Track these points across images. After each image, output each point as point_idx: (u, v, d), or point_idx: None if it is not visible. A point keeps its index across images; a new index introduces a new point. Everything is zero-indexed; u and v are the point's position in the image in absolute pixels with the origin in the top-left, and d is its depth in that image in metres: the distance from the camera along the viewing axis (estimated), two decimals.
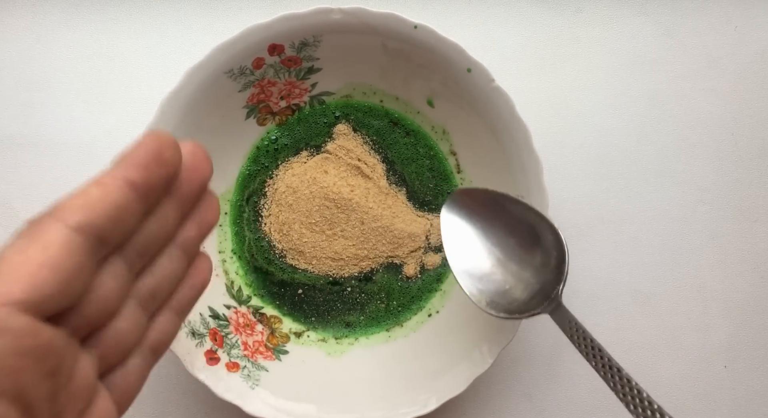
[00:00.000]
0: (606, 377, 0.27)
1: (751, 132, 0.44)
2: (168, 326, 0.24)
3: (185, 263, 0.24)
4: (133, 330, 0.22)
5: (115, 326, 0.21)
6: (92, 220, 0.18)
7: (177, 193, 0.22)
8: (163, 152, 0.20)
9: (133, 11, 0.43)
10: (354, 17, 0.35)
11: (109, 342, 0.21)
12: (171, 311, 0.24)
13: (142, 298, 0.22)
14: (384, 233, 0.40)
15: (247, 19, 0.42)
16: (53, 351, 0.18)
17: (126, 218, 0.20)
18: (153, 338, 0.23)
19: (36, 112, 0.42)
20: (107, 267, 0.20)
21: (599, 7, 0.44)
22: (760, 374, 0.43)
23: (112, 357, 0.21)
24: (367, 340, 0.41)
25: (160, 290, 0.23)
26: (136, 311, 0.22)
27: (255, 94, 0.39)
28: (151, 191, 0.20)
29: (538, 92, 0.43)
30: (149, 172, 0.20)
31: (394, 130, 0.41)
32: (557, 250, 0.31)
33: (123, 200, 0.19)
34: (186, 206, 0.23)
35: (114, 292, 0.20)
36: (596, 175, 0.43)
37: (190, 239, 0.23)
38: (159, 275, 0.22)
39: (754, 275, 0.43)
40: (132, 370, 0.22)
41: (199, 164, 0.22)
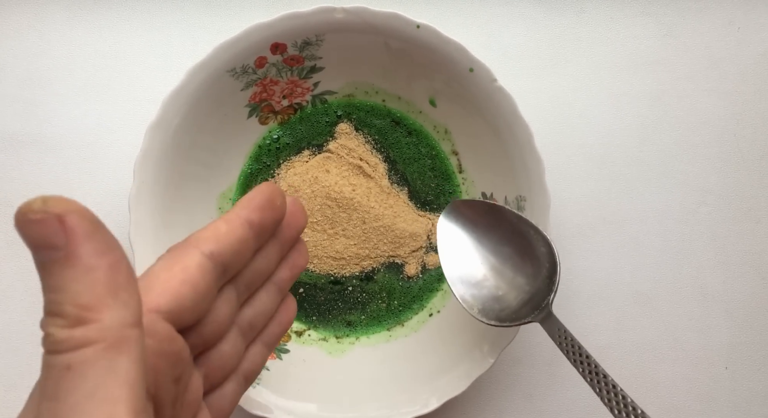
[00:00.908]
0: (592, 383, 0.29)
1: (754, 133, 0.44)
2: (258, 357, 0.26)
3: (278, 300, 0.27)
4: (233, 355, 0.24)
5: (221, 349, 0.24)
6: (220, 250, 0.22)
7: (279, 236, 0.26)
8: (275, 199, 0.24)
9: (136, 10, 0.43)
10: (356, 16, 0.35)
11: (214, 364, 0.23)
12: (262, 344, 0.27)
13: (242, 327, 0.25)
14: (385, 233, 0.40)
15: (250, 18, 0.42)
16: (182, 360, 0.21)
17: (244, 252, 0.23)
18: (247, 367, 0.26)
19: (38, 110, 0.42)
20: (223, 294, 0.23)
21: (601, 7, 0.44)
22: (760, 376, 0.43)
23: (214, 378, 0.24)
24: (368, 339, 0.41)
25: (256, 322, 0.26)
26: (237, 338, 0.24)
27: (257, 93, 0.39)
28: (264, 231, 0.24)
29: (540, 92, 0.43)
30: (264, 215, 0.24)
31: (396, 129, 0.41)
32: (550, 261, 0.32)
33: (244, 236, 0.23)
34: (285, 249, 0.26)
35: (226, 317, 0.23)
36: (598, 176, 0.43)
37: (284, 279, 0.27)
38: (258, 308, 0.26)
39: (755, 276, 0.43)
40: (227, 393, 0.25)
41: (298, 214, 0.27)
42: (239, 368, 0.25)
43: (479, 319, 0.33)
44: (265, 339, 0.27)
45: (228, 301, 0.23)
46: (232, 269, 0.23)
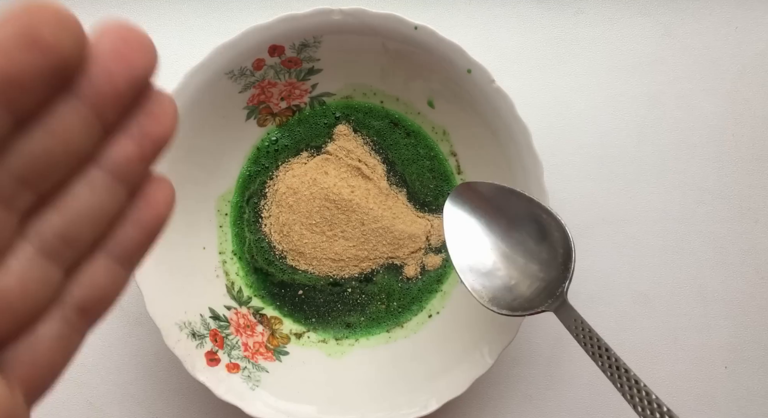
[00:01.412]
0: (613, 378, 0.26)
1: (752, 133, 0.44)
2: (103, 278, 0.18)
3: (121, 193, 0.17)
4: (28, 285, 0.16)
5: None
6: None
7: (85, 93, 0.15)
8: (38, 31, 0.14)
9: (133, 12, 0.43)
10: (354, 18, 0.35)
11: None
12: (107, 257, 0.18)
13: (44, 243, 0.16)
14: (384, 234, 0.40)
15: (248, 20, 0.42)
16: None
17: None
18: (79, 294, 0.17)
19: None
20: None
21: (599, 7, 0.44)
22: (760, 375, 0.43)
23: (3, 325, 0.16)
24: (368, 341, 0.41)
25: (76, 230, 0.17)
26: (34, 261, 0.16)
27: (255, 95, 0.39)
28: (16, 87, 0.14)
29: (538, 93, 0.43)
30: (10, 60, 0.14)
31: (395, 131, 0.41)
32: (564, 247, 0.31)
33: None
34: (107, 113, 0.16)
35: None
36: (597, 176, 0.43)
37: (125, 158, 0.17)
38: (71, 209, 0.16)
39: (754, 276, 0.43)
40: (45, 338, 0.17)
41: (128, 48, 0.16)
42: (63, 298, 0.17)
43: (490, 308, 0.32)
44: (114, 250, 0.18)
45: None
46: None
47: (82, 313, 0.18)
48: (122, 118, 0.17)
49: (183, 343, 0.36)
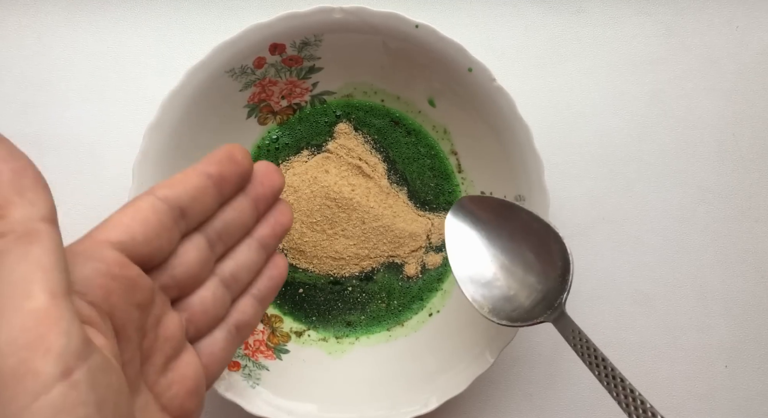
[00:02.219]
0: (609, 388, 0.27)
1: (753, 132, 0.44)
2: (250, 309, 0.28)
3: (263, 257, 0.29)
4: (217, 302, 0.26)
5: (201, 295, 0.26)
6: (175, 194, 0.24)
7: (251, 193, 0.28)
8: (234, 154, 0.26)
9: (135, 10, 0.43)
10: (355, 16, 0.35)
11: (196, 308, 0.25)
12: (252, 297, 0.28)
13: (224, 278, 0.27)
14: (385, 233, 0.40)
15: (248, 18, 0.42)
16: (141, 287, 0.22)
17: (202, 199, 0.25)
18: (236, 317, 0.27)
19: (37, 111, 0.42)
20: (190, 240, 0.25)
21: (600, 6, 0.44)
22: (760, 375, 0.43)
23: (200, 323, 0.25)
24: (368, 339, 0.41)
25: (239, 274, 0.27)
26: (219, 288, 0.26)
27: (256, 93, 0.39)
28: (224, 182, 0.26)
29: (539, 92, 0.43)
30: (222, 167, 0.26)
31: (395, 129, 0.41)
32: (562, 259, 0.32)
33: (200, 184, 0.25)
34: (260, 206, 0.28)
35: (197, 261, 0.25)
36: (597, 175, 0.43)
37: (266, 236, 0.29)
38: (239, 260, 0.27)
39: (755, 275, 0.43)
40: (218, 340, 0.26)
41: (271, 174, 0.29)
42: (228, 318, 0.27)
43: (490, 319, 0.33)
44: (255, 293, 0.28)
45: (197, 246, 0.25)
46: (193, 214, 0.24)
47: (237, 331, 0.27)
48: (266, 211, 0.29)
49: None
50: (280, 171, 0.29)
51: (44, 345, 0.17)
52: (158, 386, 0.23)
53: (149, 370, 0.23)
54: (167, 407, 0.23)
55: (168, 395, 0.23)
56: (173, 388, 0.24)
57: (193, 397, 0.24)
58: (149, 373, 0.23)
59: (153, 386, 0.23)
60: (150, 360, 0.23)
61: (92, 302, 0.20)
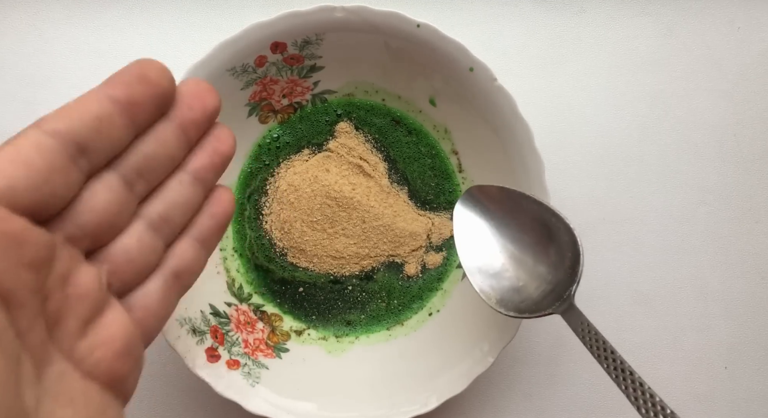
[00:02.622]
0: (618, 381, 0.27)
1: (753, 133, 0.44)
2: (189, 253, 0.25)
3: (200, 192, 0.25)
4: (144, 249, 0.23)
5: (124, 242, 0.22)
6: (68, 127, 0.20)
7: (175, 118, 0.23)
8: (147, 72, 0.22)
9: (136, 8, 0.43)
10: (356, 15, 0.35)
11: (119, 258, 0.22)
12: (192, 239, 0.25)
13: (151, 220, 0.23)
14: (385, 232, 0.40)
15: (250, 17, 0.42)
16: (30, 242, 0.18)
17: (108, 131, 0.21)
18: (174, 263, 0.24)
19: (38, 109, 0.42)
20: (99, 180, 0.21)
21: (601, 7, 0.44)
22: (760, 375, 0.43)
23: (126, 275, 0.22)
24: (368, 338, 0.41)
25: (172, 214, 0.24)
26: (146, 232, 0.23)
27: (257, 92, 0.39)
28: (135, 107, 0.21)
29: (540, 92, 0.43)
30: (131, 89, 0.21)
31: (396, 128, 0.41)
32: (572, 250, 0.31)
33: (103, 112, 0.21)
34: (190, 133, 0.24)
35: (110, 204, 0.21)
36: (598, 176, 0.43)
37: (202, 167, 0.24)
38: (169, 199, 0.24)
39: (755, 276, 0.43)
40: (152, 291, 0.23)
41: (200, 93, 0.23)
42: (164, 265, 0.24)
43: (498, 310, 0.32)
44: (196, 234, 0.25)
45: (108, 187, 0.21)
46: (97, 149, 0.20)
47: (176, 278, 0.24)
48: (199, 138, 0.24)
49: (183, 339, 0.36)
50: (213, 90, 0.24)
51: None
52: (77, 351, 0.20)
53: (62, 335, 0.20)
54: (92, 373, 0.21)
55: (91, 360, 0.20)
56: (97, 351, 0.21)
57: (123, 358, 0.21)
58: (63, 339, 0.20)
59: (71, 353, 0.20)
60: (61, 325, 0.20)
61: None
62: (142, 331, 0.23)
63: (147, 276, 0.23)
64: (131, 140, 0.22)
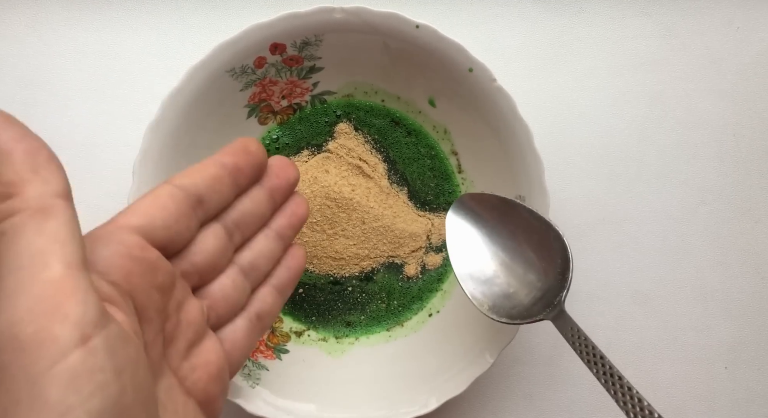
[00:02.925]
0: (607, 385, 0.28)
1: (753, 133, 0.44)
2: (270, 298, 0.29)
3: (280, 247, 0.30)
4: (237, 290, 0.27)
5: (221, 283, 0.26)
6: (191, 182, 0.25)
7: (266, 184, 0.28)
8: (248, 145, 0.28)
9: (135, 10, 0.43)
10: (356, 16, 0.35)
11: (217, 296, 0.26)
12: (271, 287, 0.29)
13: (243, 267, 0.27)
14: (385, 233, 0.40)
15: (249, 18, 0.42)
16: (162, 269, 0.22)
17: (219, 188, 0.26)
18: (257, 306, 0.28)
19: (37, 111, 0.42)
20: (208, 228, 0.26)
21: (601, 7, 0.44)
22: (760, 376, 0.43)
23: (221, 311, 0.26)
24: (368, 339, 0.41)
25: (258, 264, 0.28)
26: (238, 276, 0.27)
27: (256, 93, 0.39)
28: (239, 172, 0.27)
29: (539, 92, 0.43)
30: (237, 158, 0.27)
31: (396, 129, 0.41)
32: (562, 257, 0.32)
33: (216, 173, 0.26)
34: (276, 197, 0.29)
35: (215, 249, 0.26)
36: (597, 176, 0.43)
37: (283, 227, 0.30)
38: (257, 250, 0.28)
39: (755, 276, 0.43)
40: (240, 328, 0.27)
41: (285, 166, 0.30)
42: (249, 306, 0.28)
43: (490, 316, 0.33)
44: (274, 282, 0.29)
45: (215, 234, 0.26)
46: (210, 203, 0.25)
47: (258, 319, 0.28)
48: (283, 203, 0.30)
49: None
50: (294, 164, 0.30)
51: (61, 313, 0.17)
52: (182, 370, 0.24)
53: (172, 353, 0.23)
54: (191, 391, 0.24)
55: (192, 379, 0.24)
56: (196, 372, 0.24)
57: (216, 382, 0.25)
58: (173, 356, 0.23)
59: (177, 370, 0.23)
60: (173, 344, 0.23)
61: (113, 282, 0.21)
62: (230, 361, 0.26)
63: (236, 314, 0.27)
64: (234, 199, 0.27)
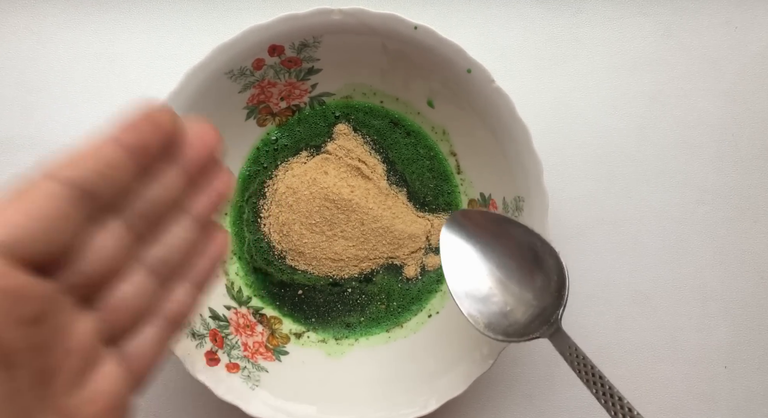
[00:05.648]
0: (607, 406, 0.27)
1: (751, 132, 0.44)
2: (186, 298, 0.24)
3: (199, 234, 0.24)
4: (141, 296, 0.22)
5: (121, 289, 0.21)
6: (79, 174, 0.19)
7: (180, 161, 0.22)
8: (156, 117, 0.21)
9: (134, 12, 0.43)
10: (354, 18, 0.35)
11: (115, 305, 0.21)
12: (189, 282, 0.24)
13: (152, 265, 0.22)
14: (384, 234, 0.40)
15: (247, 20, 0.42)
16: (33, 298, 0.18)
17: (117, 176, 0.20)
18: (170, 308, 0.23)
19: (36, 113, 0.42)
20: (104, 226, 0.20)
21: (599, 7, 0.44)
22: (760, 375, 0.43)
23: (121, 322, 0.21)
24: (367, 341, 0.41)
25: (172, 258, 0.23)
26: (145, 278, 0.22)
27: (255, 95, 0.39)
28: (144, 151, 0.21)
29: (538, 93, 0.43)
30: (140, 133, 0.20)
31: (395, 130, 0.41)
32: (557, 274, 0.32)
33: (112, 158, 0.20)
34: (193, 175, 0.23)
35: (113, 251, 0.20)
36: (596, 176, 0.43)
37: (202, 209, 0.24)
38: (170, 243, 0.23)
39: (754, 276, 0.43)
40: (147, 338, 0.22)
41: (204, 135, 0.23)
42: (159, 310, 0.23)
43: (486, 334, 0.33)
44: (193, 277, 0.24)
45: (112, 233, 0.21)
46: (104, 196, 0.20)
47: (170, 323, 0.23)
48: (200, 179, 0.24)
49: (183, 343, 0.36)
50: (214, 128, 0.24)
51: None
52: (68, 407, 0.19)
53: (54, 391, 0.19)
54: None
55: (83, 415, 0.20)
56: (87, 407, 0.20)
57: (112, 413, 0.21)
58: (56, 394, 0.19)
59: (63, 409, 0.19)
60: (53, 380, 0.19)
61: None
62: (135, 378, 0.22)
63: (143, 322, 0.22)
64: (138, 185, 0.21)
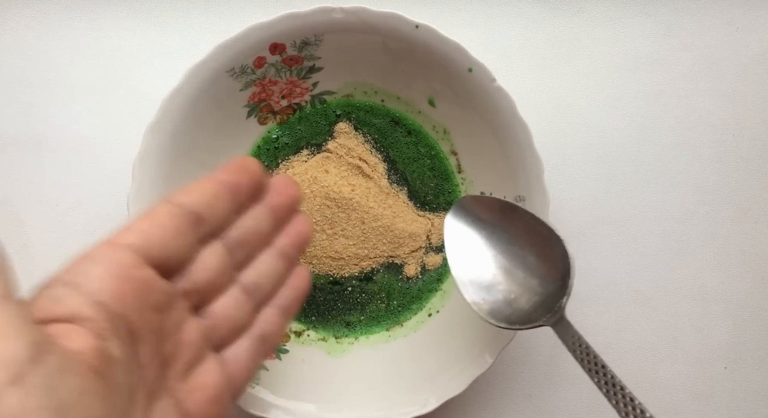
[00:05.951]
0: (609, 395, 0.27)
1: (753, 133, 0.44)
2: (274, 319, 0.28)
3: (284, 266, 0.29)
4: (239, 311, 0.26)
5: (222, 302, 0.26)
6: (190, 200, 0.24)
7: (268, 202, 0.28)
8: (247, 164, 0.27)
9: (135, 10, 0.43)
10: (355, 16, 0.35)
11: (218, 316, 0.25)
12: (276, 307, 0.28)
13: (246, 286, 0.27)
14: (384, 233, 0.40)
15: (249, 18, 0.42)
16: (157, 288, 0.22)
17: (218, 205, 0.25)
18: (261, 327, 0.27)
19: (37, 111, 0.42)
20: (209, 247, 0.25)
21: (600, 7, 0.44)
22: (760, 375, 0.43)
23: (222, 331, 0.26)
24: (367, 339, 0.41)
25: (262, 283, 0.27)
26: (240, 296, 0.26)
27: (256, 93, 0.39)
28: (239, 190, 0.26)
29: (539, 92, 0.43)
30: (235, 175, 0.26)
31: (396, 129, 0.41)
32: (563, 263, 0.31)
33: (214, 191, 0.25)
34: (278, 216, 0.28)
35: (216, 268, 0.25)
36: (597, 176, 0.43)
37: (286, 246, 0.29)
38: (261, 270, 0.27)
39: (754, 276, 0.43)
40: (243, 350, 0.26)
41: (287, 185, 0.29)
42: (252, 327, 0.27)
43: (489, 321, 0.32)
44: (279, 302, 0.28)
45: (215, 253, 0.25)
46: (209, 221, 0.25)
47: (262, 341, 0.27)
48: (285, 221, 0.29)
49: None
50: (296, 183, 0.30)
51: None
52: (179, 391, 0.23)
53: (170, 375, 0.23)
54: (189, 414, 0.23)
55: (190, 401, 0.23)
56: (195, 395, 0.24)
57: (215, 405, 0.24)
58: (170, 378, 0.23)
59: (175, 392, 0.23)
60: (171, 365, 0.23)
61: (101, 302, 0.20)
62: (231, 384, 0.25)
63: (239, 335, 0.26)
64: (234, 217, 0.26)
